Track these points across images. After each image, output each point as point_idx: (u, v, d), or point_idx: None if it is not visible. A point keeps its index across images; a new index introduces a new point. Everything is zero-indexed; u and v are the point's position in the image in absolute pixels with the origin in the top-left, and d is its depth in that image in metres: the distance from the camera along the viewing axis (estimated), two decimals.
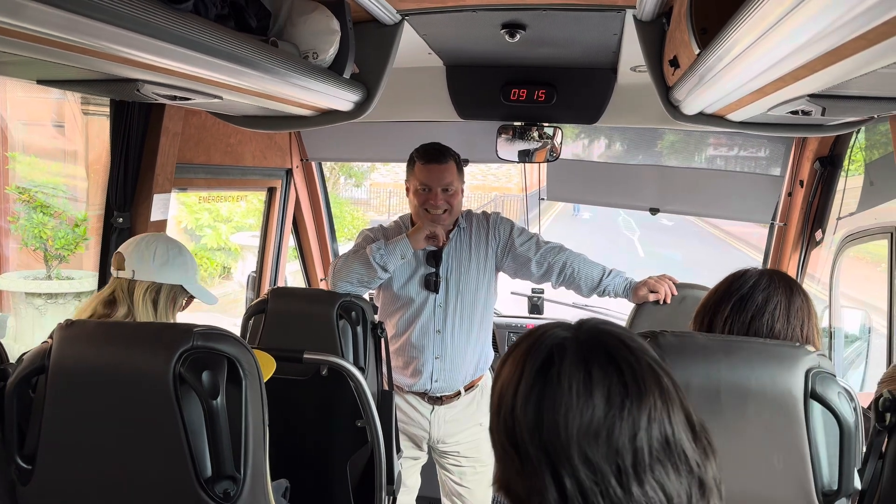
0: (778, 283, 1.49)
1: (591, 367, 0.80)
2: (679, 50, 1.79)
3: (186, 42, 1.37)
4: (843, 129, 2.20)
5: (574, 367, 0.80)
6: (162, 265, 1.88)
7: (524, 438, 0.80)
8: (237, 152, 3.01)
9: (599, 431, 0.77)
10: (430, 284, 2.70)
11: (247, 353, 1.22)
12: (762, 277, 1.51)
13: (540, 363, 0.82)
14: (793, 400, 1.21)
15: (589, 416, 0.77)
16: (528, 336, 0.87)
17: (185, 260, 1.95)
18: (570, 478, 0.76)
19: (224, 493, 1.20)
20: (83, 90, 1.74)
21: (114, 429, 1.22)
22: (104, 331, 1.29)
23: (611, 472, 0.76)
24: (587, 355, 0.81)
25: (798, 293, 1.50)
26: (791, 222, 3.24)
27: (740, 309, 1.45)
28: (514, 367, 0.84)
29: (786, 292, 1.48)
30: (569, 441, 0.77)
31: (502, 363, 0.87)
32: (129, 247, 1.91)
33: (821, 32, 0.99)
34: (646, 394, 0.79)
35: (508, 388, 0.83)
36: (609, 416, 0.77)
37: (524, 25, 2.29)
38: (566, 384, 0.79)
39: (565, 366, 0.81)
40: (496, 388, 0.86)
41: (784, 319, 1.45)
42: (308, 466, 2.40)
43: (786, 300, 1.47)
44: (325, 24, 1.95)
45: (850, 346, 3.31)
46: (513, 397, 0.82)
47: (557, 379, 0.80)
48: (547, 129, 3.14)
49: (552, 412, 0.79)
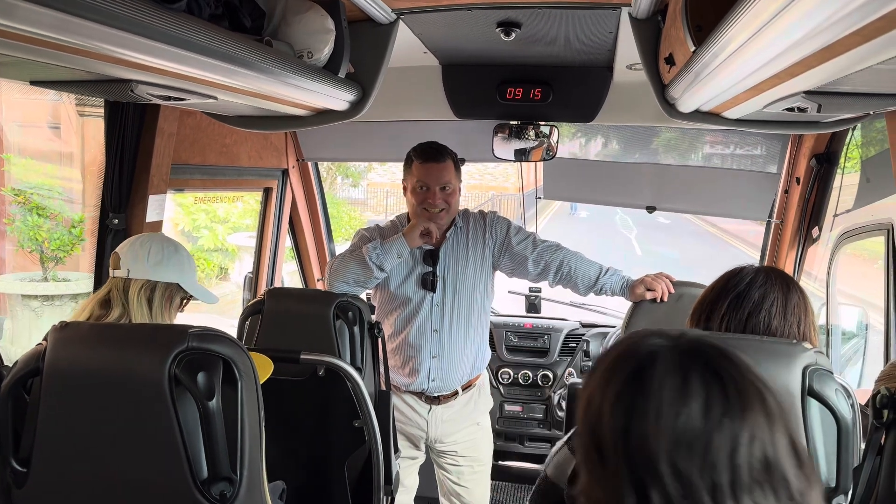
0: (774, 280, 1.49)
1: (688, 374, 0.75)
2: (674, 47, 1.79)
3: (180, 42, 1.36)
4: (839, 126, 2.20)
5: (669, 373, 0.75)
6: (157, 264, 1.87)
7: (610, 446, 0.75)
8: (233, 153, 3.01)
9: (694, 443, 0.72)
10: (427, 284, 2.70)
11: (242, 353, 1.22)
12: (759, 274, 1.50)
13: (632, 368, 0.78)
14: (790, 397, 1.21)
15: (683, 425, 0.72)
16: (620, 343, 0.83)
17: (180, 258, 1.93)
18: (656, 490, 0.72)
19: (220, 494, 1.19)
20: (77, 91, 1.73)
21: (109, 431, 1.22)
22: (98, 332, 1.28)
23: (704, 487, 0.71)
24: (685, 363, 0.76)
25: (795, 290, 1.50)
26: (788, 219, 3.24)
27: (737, 306, 1.45)
28: (604, 373, 0.80)
29: (782, 289, 1.48)
30: (658, 451, 0.72)
31: (592, 370, 0.83)
32: (125, 246, 1.91)
33: (816, 28, 0.99)
34: (748, 410, 0.74)
35: (596, 393, 0.79)
36: (706, 427, 0.72)
37: (519, 24, 2.29)
38: (659, 390, 0.74)
39: (659, 371, 0.76)
40: (584, 393, 0.82)
41: (781, 316, 1.45)
42: (306, 467, 2.40)
43: (782, 297, 1.46)
44: (320, 24, 1.94)
45: (847, 343, 3.32)
46: (600, 403, 0.78)
47: (650, 384, 0.75)
48: (543, 128, 3.14)
49: (642, 419, 0.74)
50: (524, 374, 3.89)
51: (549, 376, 3.87)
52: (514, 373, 3.91)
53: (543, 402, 3.89)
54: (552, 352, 3.90)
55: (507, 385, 3.92)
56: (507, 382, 3.91)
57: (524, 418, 3.90)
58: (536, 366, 3.90)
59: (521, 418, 3.91)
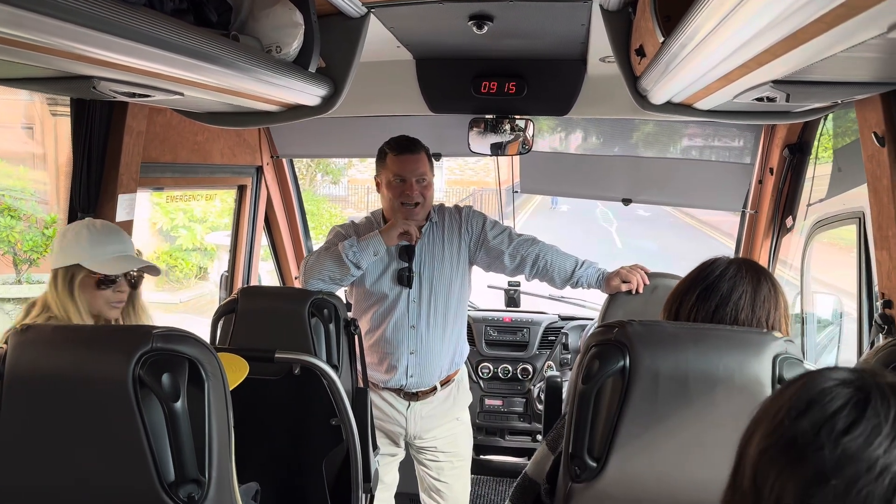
0: (745, 272, 1.49)
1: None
2: (644, 39, 1.78)
3: (141, 37, 1.33)
4: (810, 116, 2.21)
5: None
6: (58, 252, 1.88)
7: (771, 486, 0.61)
8: (205, 150, 2.97)
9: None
10: (403, 279, 2.68)
11: (209, 354, 1.20)
12: (730, 267, 1.50)
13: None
14: (760, 386, 1.21)
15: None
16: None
17: (78, 238, 1.91)
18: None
19: (188, 497, 1.17)
20: (37, 88, 1.69)
21: (73, 434, 1.19)
22: (61, 334, 1.25)
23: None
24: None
25: (765, 282, 1.50)
26: (762, 210, 3.26)
27: (705, 298, 1.45)
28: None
29: (752, 281, 1.47)
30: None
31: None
32: (55, 244, 1.96)
33: (780, 16, 0.99)
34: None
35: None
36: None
37: (491, 17, 2.27)
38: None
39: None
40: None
41: (749, 309, 1.44)
42: (283, 466, 2.37)
43: (752, 290, 1.46)
44: (288, 18, 1.91)
45: (822, 332, 3.35)
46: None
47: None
48: (519, 122, 3.13)
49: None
50: (504, 368, 3.90)
51: (529, 370, 3.88)
52: (493, 367, 3.91)
53: (523, 395, 3.90)
54: (531, 345, 3.91)
55: (488, 379, 3.92)
56: (487, 377, 3.92)
57: (504, 412, 3.91)
58: (516, 359, 3.91)
59: (501, 412, 3.91)
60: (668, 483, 1.25)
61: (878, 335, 2.10)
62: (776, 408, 0.64)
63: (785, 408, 0.62)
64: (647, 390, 1.24)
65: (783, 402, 0.63)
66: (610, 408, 1.26)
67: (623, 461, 1.26)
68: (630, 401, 1.24)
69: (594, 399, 1.27)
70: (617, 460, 1.26)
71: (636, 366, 1.24)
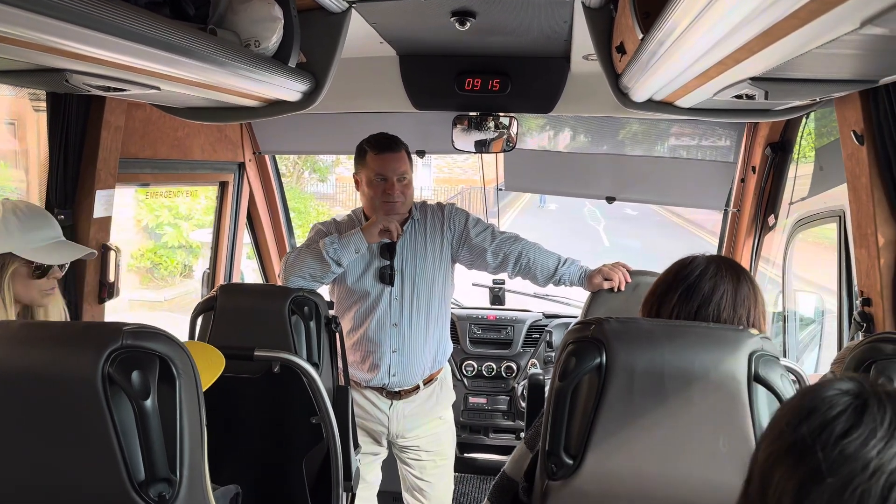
0: (725, 271, 1.48)
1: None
2: (625, 36, 1.78)
3: (115, 30, 1.31)
4: (790, 114, 2.22)
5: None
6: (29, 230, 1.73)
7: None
8: (185, 146, 2.94)
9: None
10: (385, 277, 2.67)
11: (180, 351, 1.18)
12: (710, 266, 1.49)
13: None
14: (736, 383, 1.21)
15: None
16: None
17: (3, 224, 1.74)
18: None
19: (159, 496, 1.15)
20: (8, 81, 1.67)
21: (41, 433, 1.17)
22: (28, 331, 1.23)
23: None
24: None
25: (745, 281, 1.49)
26: (744, 208, 3.28)
27: (687, 298, 1.44)
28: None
29: (732, 281, 1.47)
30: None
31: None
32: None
33: (754, 11, 0.99)
34: None
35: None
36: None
37: (474, 13, 2.26)
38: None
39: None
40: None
41: (731, 308, 1.44)
42: (262, 465, 2.36)
43: (732, 289, 1.46)
44: (267, 11, 1.90)
45: (804, 329, 3.37)
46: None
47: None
48: (503, 119, 3.13)
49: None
50: (488, 366, 3.89)
51: (513, 368, 3.88)
52: (478, 365, 3.91)
53: (507, 393, 3.90)
54: (516, 343, 3.91)
55: (472, 377, 3.92)
56: (471, 375, 3.91)
57: (489, 410, 3.91)
58: (500, 357, 3.91)
59: (485, 410, 3.91)
60: (644, 480, 1.25)
61: (857, 333, 2.11)
62: (781, 416, 0.66)
63: (788, 416, 0.65)
64: (623, 387, 1.23)
65: (788, 411, 0.66)
66: (586, 405, 1.25)
67: (599, 458, 1.25)
68: (606, 398, 1.24)
69: (571, 396, 1.26)
70: (593, 457, 1.25)
71: (612, 363, 1.23)
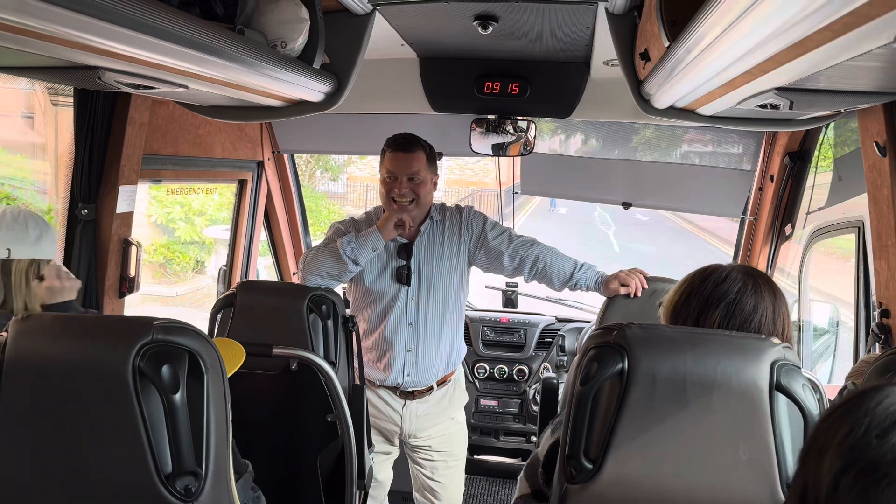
0: (763, 287, 1.45)
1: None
2: (650, 43, 1.79)
3: (148, 28, 1.33)
4: (812, 124, 2.22)
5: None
6: (38, 239, 1.72)
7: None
8: (206, 143, 2.97)
9: None
10: (401, 277, 2.68)
11: (208, 346, 1.20)
12: (747, 281, 1.45)
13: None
14: (758, 392, 1.22)
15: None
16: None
17: (52, 232, 1.79)
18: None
19: (185, 488, 1.17)
20: (43, 78, 1.69)
21: (72, 424, 1.19)
22: (61, 324, 1.25)
23: None
24: None
25: (779, 294, 1.46)
26: (761, 217, 3.27)
27: (728, 316, 1.40)
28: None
29: (770, 296, 1.44)
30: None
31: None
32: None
33: (787, 23, 1.00)
34: None
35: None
36: None
37: (496, 17, 2.28)
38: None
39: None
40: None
41: (771, 324, 1.41)
42: (277, 461, 2.37)
43: (772, 305, 1.42)
44: (294, 13, 1.92)
45: (818, 340, 3.36)
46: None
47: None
48: (521, 123, 3.14)
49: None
50: (500, 368, 3.90)
51: (525, 371, 3.89)
52: (490, 367, 3.91)
53: (519, 396, 3.90)
54: (528, 346, 3.91)
55: (483, 379, 3.93)
56: (482, 377, 3.92)
57: (500, 413, 3.91)
58: (512, 360, 3.92)
59: (496, 413, 3.92)
60: (663, 486, 1.26)
61: (874, 344, 2.11)
62: (849, 427, 0.62)
63: (863, 427, 0.61)
64: (644, 393, 1.24)
65: (857, 420, 0.62)
66: (607, 410, 1.26)
67: (619, 463, 1.26)
68: (627, 403, 1.24)
69: (591, 401, 1.27)
70: (613, 462, 1.26)
71: (634, 369, 1.24)
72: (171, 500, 1.18)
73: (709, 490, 1.24)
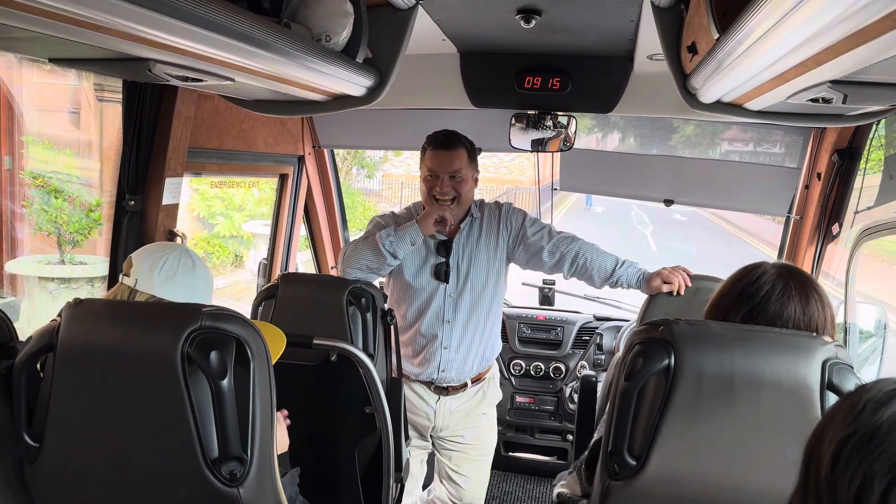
0: (794, 289, 1.40)
1: None
2: (697, 35, 1.76)
3: (199, 20, 1.35)
4: (863, 120, 2.16)
5: None
6: (167, 279, 1.66)
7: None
8: (249, 137, 3.01)
9: None
10: (440, 274, 2.69)
11: (255, 334, 1.21)
12: (776, 284, 1.41)
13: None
14: (808, 391, 1.19)
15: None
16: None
17: (195, 278, 1.71)
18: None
19: (231, 473, 1.19)
20: (95, 69, 1.73)
21: (121, 408, 1.22)
22: (112, 309, 1.28)
23: None
24: None
25: (813, 296, 1.41)
26: (807, 216, 3.20)
27: (752, 320, 1.38)
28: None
29: (801, 298, 1.39)
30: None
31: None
32: (141, 252, 1.72)
33: (846, 11, 0.97)
34: None
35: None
36: None
37: (539, 11, 2.26)
38: None
39: None
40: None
41: (796, 329, 1.38)
42: (316, 452, 2.40)
43: (801, 308, 1.38)
44: (339, 7, 1.93)
45: (864, 342, 3.27)
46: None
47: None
48: (561, 119, 3.11)
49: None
50: (536, 366, 3.89)
51: (562, 369, 3.87)
52: (526, 364, 3.90)
53: (555, 394, 3.88)
54: (565, 344, 3.89)
55: (519, 376, 3.92)
56: (518, 374, 3.91)
57: (535, 410, 3.90)
58: (549, 358, 3.90)
59: (532, 410, 3.90)
60: (708, 484, 1.24)
61: None
62: (850, 405, 0.66)
63: (862, 402, 0.65)
64: (691, 390, 1.22)
65: (857, 399, 0.66)
66: (652, 406, 1.25)
67: (663, 460, 1.24)
68: (673, 400, 1.23)
69: (636, 397, 1.26)
70: (657, 459, 1.24)
71: (681, 365, 1.22)
72: (217, 484, 1.20)
73: (754, 489, 1.22)
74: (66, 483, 1.29)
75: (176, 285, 1.67)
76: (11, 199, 6.60)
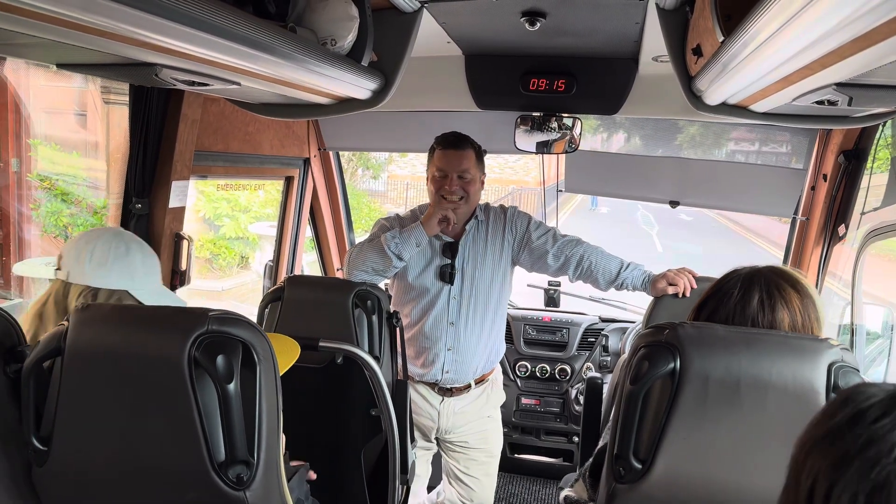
0: (757, 293, 1.40)
1: None
2: (702, 38, 1.76)
3: (205, 26, 1.36)
4: (869, 122, 2.15)
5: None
6: (98, 266, 1.57)
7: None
8: (255, 140, 3.02)
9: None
10: (445, 276, 2.69)
11: (261, 338, 1.22)
12: (740, 288, 1.41)
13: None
14: (814, 394, 1.19)
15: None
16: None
17: (131, 260, 1.62)
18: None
19: (237, 477, 1.20)
20: (102, 74, 1.74)
21: (128, 411, 1.22)
22: (120, 313, 1.28)
23: None
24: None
25: (782, 300, 1.39)
26: (813, 217, 3.19)
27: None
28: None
29: (768, 302, 1.39)
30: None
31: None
32: (69, 243, 1.62)
33: (851, 15, 0.97)
34: None
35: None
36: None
37: (544, 13, 2.26)
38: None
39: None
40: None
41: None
42: (322, 453, 2.40)
43: (763, 312, 1.38)
44: (344, 11, 1.93)
45: (871, 343, 3.26)
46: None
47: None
48: (566, 120, 3.12)
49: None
50: (541, 367, 3.88)
51: (567, 370, 3.86)
52: (531, 366, 3.90)
53: (561, 396, 3.88)
54: (570, 346, 3.89)
55: (525, 378, 3.92)
56: (524, 375, 3.91)
57: (541, 412, 3.90)
58: (554, 360, 3.90)
59: (537, 412, 3.90)
60: (714, 488, 1.24)
61: None
62: (821, 412, 0.70)
63: (825, 408, 0.69)
64: (696, 393, 1.22)
65: (827, 406, 0.70)
66: (658, 410, 1.25)
67: (669, 464, 1.24)
68: (679, 403, 1.23)
69: (642, 400, 1.26)
70: (663, 463, 1.24)
71: (686, 368, 1.22)
72: (224, 488, 1.21)
73: (760, 492, 1.22)
74: (73, 486, 1.30)
75: (111, 272, 1.59)
76: (19, 201, 6.64)
